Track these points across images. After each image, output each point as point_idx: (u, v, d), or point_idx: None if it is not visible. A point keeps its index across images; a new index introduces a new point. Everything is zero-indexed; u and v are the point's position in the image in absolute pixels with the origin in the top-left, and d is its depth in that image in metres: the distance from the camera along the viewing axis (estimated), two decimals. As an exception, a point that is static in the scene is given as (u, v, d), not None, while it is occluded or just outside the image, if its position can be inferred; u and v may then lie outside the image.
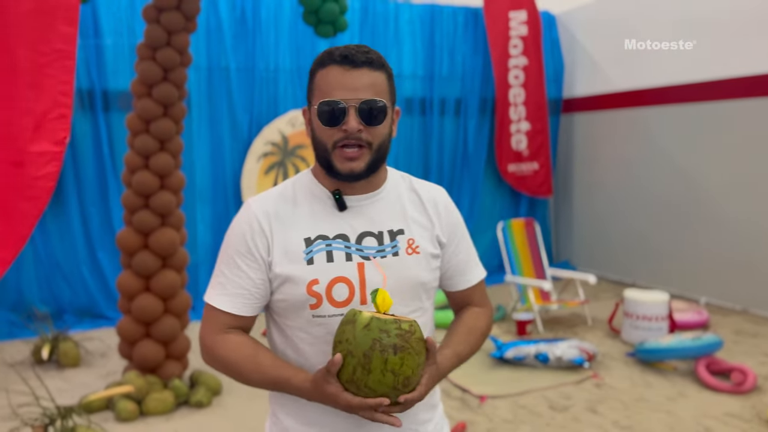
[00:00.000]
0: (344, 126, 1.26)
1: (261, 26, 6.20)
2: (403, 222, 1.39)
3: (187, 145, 5.88)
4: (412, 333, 1.18)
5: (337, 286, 1.31)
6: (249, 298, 1.34)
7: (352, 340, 1.17)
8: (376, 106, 1.27)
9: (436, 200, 1.45)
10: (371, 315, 1.19)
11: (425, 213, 1.42)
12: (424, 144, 7.21)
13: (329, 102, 1.26)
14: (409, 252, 1.36)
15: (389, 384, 1.16)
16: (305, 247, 1.32)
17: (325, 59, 1.30)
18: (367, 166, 1.30)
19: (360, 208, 1.37)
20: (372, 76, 1.28)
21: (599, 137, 7.31)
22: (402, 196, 1.42)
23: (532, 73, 7.34)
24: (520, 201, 7.70)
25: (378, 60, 1.30)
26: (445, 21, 7.09)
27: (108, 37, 5.68)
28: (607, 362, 4.50)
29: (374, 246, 1.34)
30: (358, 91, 1.26)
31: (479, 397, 3.90)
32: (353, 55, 1.27)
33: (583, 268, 7.46)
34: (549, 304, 5.43)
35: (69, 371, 4.41)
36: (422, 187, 1.46)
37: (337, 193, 1.35)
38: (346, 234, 1.34)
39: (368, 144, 1.29)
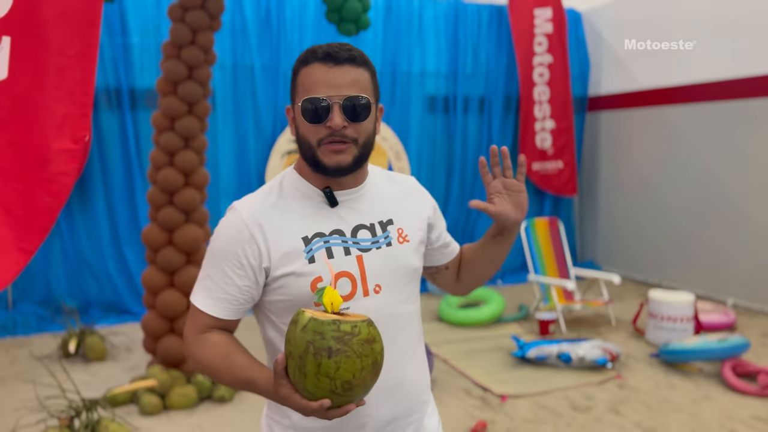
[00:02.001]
0: (329, 123, 1.26)
1: (285, 24, 6.23)
2: (391, 212, 1.42)
3: (211, 143, 5.93)
4: (354, 335, 1.11)
5: (341, 281, 1.32)
6: (234, 303, 1.34)
7: (292, 341, 1.12)
8: (360, 102, 1.27)
9: (413, 188, 1.51)
10: (310, 315, 1.13)
11: (408, 201, 1.47)
12: (448, 142, 7.19)
13: (313, 99, 1.26)
14: (401, 241, 1.40)
15: (325, 388, 1.10)
16: (304, 246, 1.31)
17: (308, 57, 1.30)
18: (354, 159, 1.31)
19: (349, 202, 1.38)
20: (355, 72, 1.28)
21: (625, 136, 7.22)
22: (385, 189, 1.46)
23: (557, 70, 7.27)
24: (544, 200, 7.63)
25: (361, 57, 1.31)
26: (470, 18, 7.06)
27: (135, 36, 5.76)
28: (630, 363, 4.44)
29: (369, 238, 1.37)
30: (341, 87, 1.26)
31: (500, 397, 3.88)
32: (336, 53, 1.27)
33: (608, 268, 7.38)
34: (572, 303, 5.38)
35: (95, 365, 4.48)
36: (398, 177, 1.53)
37: (327, 190, 1.35)
38: (341, 229, 1.35)
39: (353, 140, 1.29)
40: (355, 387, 1.13)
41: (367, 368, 1.13)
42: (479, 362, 4.49)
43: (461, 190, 7.25)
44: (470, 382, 4.15)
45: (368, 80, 1.31)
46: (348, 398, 1.13)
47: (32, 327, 5.30)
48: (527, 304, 5.86)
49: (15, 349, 4.85)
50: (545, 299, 5.53)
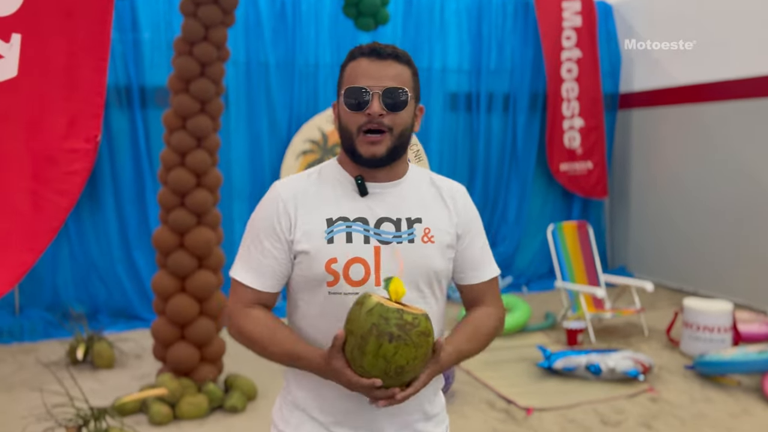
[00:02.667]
0: (368, 110, 1.40)
1: (301, 20, 6.27)
2: (422, 211, 1.51)
3: (224, 143, 5.99)
4: (415, 326, 1.26)
5: (354, 266, 1.44)
6: (272, 275, 1.48)
7: (355, 321, 1.28)
8: (399, 93, 1.41)
9: (455, 195, 1.58)
10: (378, 300, 1.28)
11: (444, 206, 1.55)
12: (470, 142, 7.18)
13: (355, 88, 1.41)
14: (425, 240, 1.48)
15: (381, 369, 1.26)
16: (326, 227, 1.45)
17: (355, 53, 1.45)
18: (388, 150, 1.43)
19: (381, 194, 1.50)
20: (397, 68, 1.44)
21: (658, 134, 7.16)
22: (422, 189, 1.55)
23: (587, 66, 7.24)
24: (572, 202, 7.60)
25: (405, 56, 1.46)
26: (494, 12, 7.05)
27: (145, 32, 5.84)
28: (664, 375, 4.41)
29: (392, 231, 1.47)
30: (382, 79, 1.41)
31: (525, 410, 3.87)
32: (381, 49, 1.43)
33: (640, 275, 7.32)
34: (602, 312, 5.35)
35: (103, 372, 4.54)
36: (442, 182, 1.60)
37: (359, 178, 1.48)
38: (365, 217, 1.47)
39: (389, 129, 1.42)
40: (407, 373, 1.28)
41: (419, 358, 1.28)
42: (503, 373, 4.48)
43: (484, 193, 7.24)
44: (494, 394, 4.14)
45: (409, 77, 1.46)
46: (396, 382, 1.29)
47: (39, 333, 5.38)
48: (554, 313, 5.84)
49: (22, 355, 4.94)
50: (573, 307, 5.50)
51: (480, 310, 1.60)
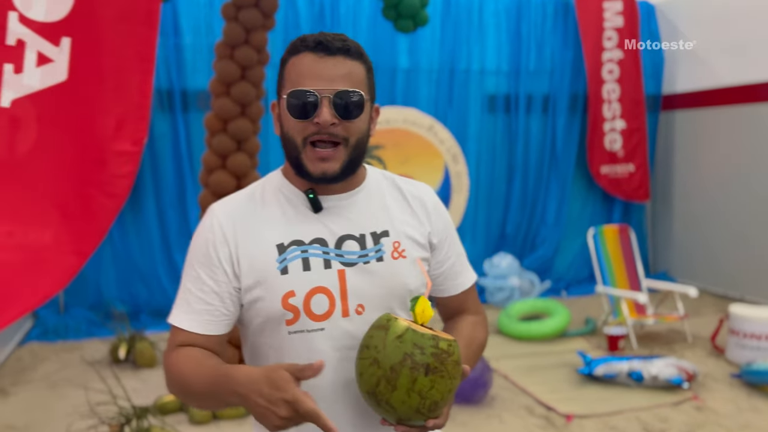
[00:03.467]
0: (316, 119, 1.18)
1: (340, 22, 6.31)
2: (388, 223, 1.31)
3: (264, 145, 6.03)
4: (450, 354, 1.10)
5: (316, 297, 1.23)
6: (214, 314, 1.25)
7: (381, 349, 1.09)
8: (352, 97, 1.20)
9: (423, 198, 1.37)
10: (407, 325, 1.10)
11: (412, 212, 1.35)
12: (509, 144, 7.13)
13: (300, 92, 1.19)
14: (395, 256, 1.29)
15: (413, 406, 1.08)
16: (278, 255, 1.24)
17: (298, 46, 1.23)
18: (342, 167, 1.22)
19: (338, 208, 1.29)
20: (348, 65, 1.21)
21: (703, 137, 7.02)
22: (384, 195, 1.34)
23: (628, 67, 7.14)
24: (613, 206, 7.49)
25: (356, 49, 1.24)
26: (533, 12, 7.00)
27: (187, 36, 5.94)
28: (709, 383, 4.31)
29: (356, 251, 1.26)
30: (332, 80, 1.19)
31: (565, 416, 3.83)
32: (328, 42, 1.20)
33: (684, 280, 7.18)
34: (644, 318, 5.26)
35: (144, 371, 4.63)
36: (408, 185, 1.39)
37: (310, 192, 1.26)
38: (323, 238, 1.26)
39: (344, 140, 1.21)
40: (440, 408, 1.11)
41: (453, 390, 1.12)
42: (542, 379, 4.44)
43: (523, 195, 7.19)
44: (533, 400, 4.10)
45: (363, 75, 1.24)
46: (425, 418, 1.11)
47: (83, 331, 5.51)
48: (595, 318, 5.76)
49: (66, 353, 5.05)
50: (614, 313, 5.42)
51: (466, 321, 1.43)
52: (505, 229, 7.18)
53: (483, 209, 7.04)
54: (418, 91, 6.68)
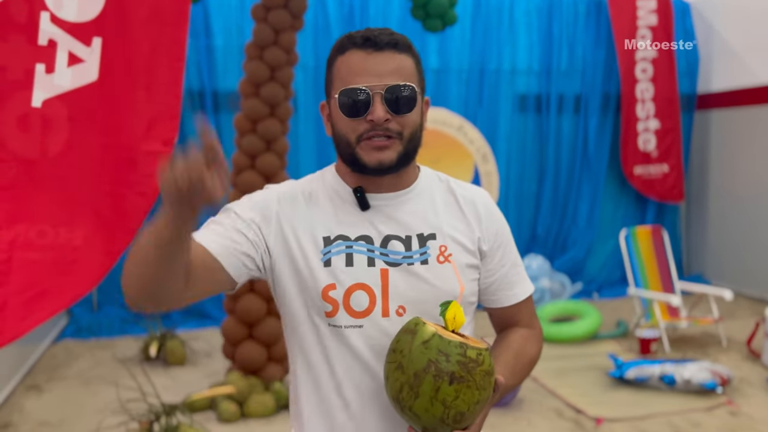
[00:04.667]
0: (369, 116, 1.17)
1: (369, 23, 6.31)
2: (436, 226, 1.28)
3: (293, 146, 6.07)
4: (479, 364, 1.06)
5: (356, 293, 1.22)
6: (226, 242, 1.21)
7: (406, 354, 1.06)
8: (404, 92, 1.19)
9: (475, 203, 1.33)
10: (435, 330, 1.07)
11: (463, 217, 1.31)
12: (540, 144, 7.07)
13: (351, 90, 1.18)
14: (441, 260, 1.26)
15: (437, 415, 1.04)
16: (323, 246, 1.24)
17: (345, 44, 1.22)
18: (398, 157, 1.21)
19: (386, 207, 1.27)
20: (398, 59, 1.20)
21: (739, 136, 6.88)
22: (436, 198, 1.32)
23: (662, 66, 7.03)
24: (646, 207, 7.38)
25: (404, 42, 1.22)
26: (565, 12, 6.93)
27: (218, 38, 6.00)
28: (744, 388, 4.22)
29: (401, 251, 1.24)
30: (383, 76, 1.18)
31: (595, 419, 3.78)
32: (376, 37, 1.19)
33: (718, 283, 7.03)
34: (677, 321, 5.17)
35: (175, 369, 4.68)
36: (461, 189, 1.35)
37: (358, 191, 1.25)
38: (369, 236, 1.25)
39: (398, 134, 1.20)
40: (466, 420, 1.07)
41: (482, 402, 1.08)
42: (572, 381, 4.39)
43: (554, 196, 7.11)
44: (562, 403, 4.06)
45: (413, 68, 1.23)
46: (451, 429, 1.08)
47: (116, 329, 5.60)
48: (626, 321, 5.68)
49: (99, 350, 5.14)
50: (647, 315, 5.33)
51: (517, 333, 1.38)
52: (535, 230, 7.12)
53: (513, 210, 6.98)
54: (448, 91, 6.65)
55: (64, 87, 1.70)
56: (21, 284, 1.67)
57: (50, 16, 1.66)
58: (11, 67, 1.65)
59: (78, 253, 1.77)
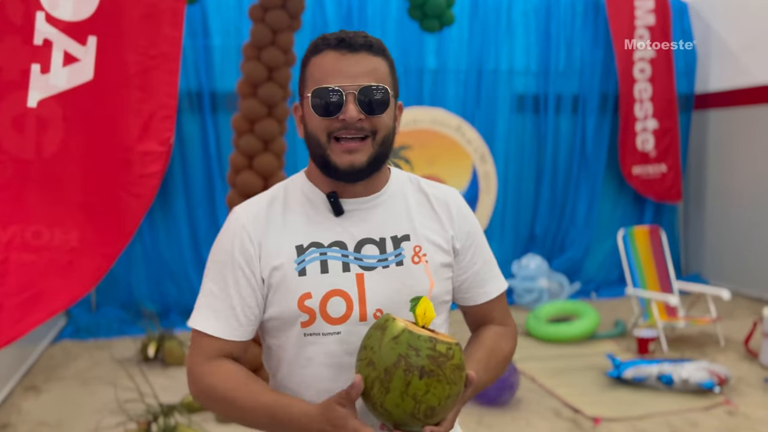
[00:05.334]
0: (342, 115, 1.18)
1: (367, 23, 6.31)
2: (409, 227, 1.29)
3: (290, 146, 6.05)
4: (449, 358, 1.06)
5: (333, 300, 1.21)
6: (239, 319, 1.24)
7: (377, 350, 1.06)
8: (378, 93, 1.19)
9: (448, 202, 1.35)
10: (404, 326, 1.07)
11: (436, 217, 1.32)
12: (538, 144, 7.07)
13: (324, 90, 1.18)
14: (416, 261, 1.26)
15: (407, 410, 1.04)
16: (296, 256, 1.23)
17: (319, 45, 1.23)
18: (369, 159, 1.21)
19: (359, 212, 1.27)
20: (372, 61, 1.21)
21: (737, 136, 6.88)
22: (408, 199, 1.33)
23: (660, 66, 7.03)
24: (644, 207, 7.38)
25: (378, 45, 1.23)
26: (563, 12, 6.92)
27: (216, 38, 5.99)
28: (741, 388, 4.22)
29: (375, 255, 1.25)
30: (356, 77, 1.19)
31: (593, 419, 3.77)
32: (350, 39, 1.20)
33: (716, 282, 7.03)
34: (675, 320, 5.17)
35: (173, 369, 4.67)
36: (433, 189, 1.36)
37: (332, 196, 1.25)
38: (343, 241, 1.25)
39: (371, 133, 1.21)
40: (437, 415, 1.08)
41: (453, 397, 1.08)
42: (570, 381, 4.38)
43: (552, 196, 7.11)
44: (560, 403, 4.05)
45: (387, 71, 1.23)
46: (422, 424, 1.08)
47: (114, 330, 5.59)
48: (624, 320, 5.67)
49: (98, 351, 5.13)
50: (645, 315, 5.33)
51: (491, 330, 1.38)
52: (533, 230, 7.12)
53: (511, 210, 6.98)
54: (446, 92, 6.65)
55: (59, 87, 1.69)
56: (17, 286, 1.66)
57: (45, 16, 1.66)
58: (7, 67, 1.64)
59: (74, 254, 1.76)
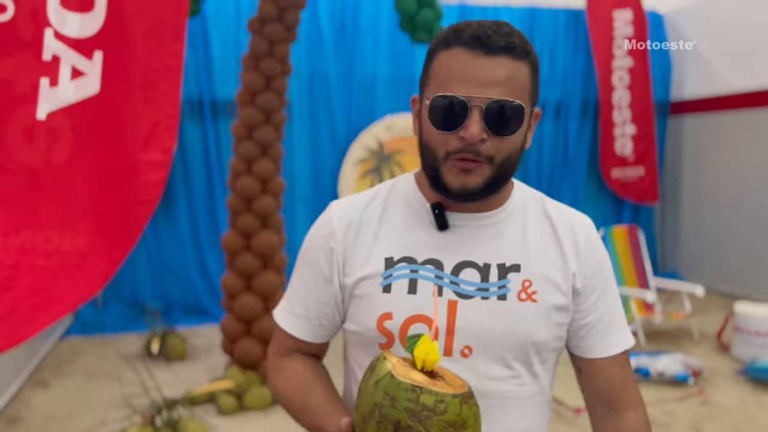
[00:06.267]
0: (462, 132, 0.95)
1: (359, 34, 6.33)
2: (522, 256, 1.04)
3: (287, 151, 6.09)
4: (436, 413, 0.81)
5: (416, 326, 1.00)
6: (313, 321, 1.11)
7: (362, 393, 0.88)
8: (510, 109, 0.94)
9: (575, 231, 1.08)
10: (390, 368, 0.85)
11: (558, 247, 1.06)
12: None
13: (446, 98, 0.95)
14: (523, 297, 1.01)
15: None
16: (384, 270, 1.03)
17: (451, 38, 0.97)
18: (485, 182, 0.98)
19: (467, 230, 1.05)
20: (511, 67, 0.95)
21: (710, 141, 6.93)
22: (528, 221, 1.07)
23: (638, 74, 7.07)
24: (623, 208, 7.42)
25: (522, 46, 0.96)
26: (546, 23, 6.96)
27: (216, 48, 5.99)
28: (714, 379, 4.26)
29: (475, 282, 1.02)
30: (488, 86, 0.94)
31: (574, 410, 3.80)
32: (489, 37, 0.94)
33: (691, 279, 7.09)
34: (652, 316, 5.20)
35: (176, 364, 4.67)
36: (558, 213, 1.10)
37: (437, 207, 1.04)
38: (440, 260, 1.03)
39: (488, 159, 0.97)
40: None
41: None
42: (553, 373, 4.40)
43: (536, 198, 7.14)
44: (544, 394, 4.07)
45: (527, 78, 0.98)
46: None
47: (120, 326, 5.59)
48: (604, 315, 5.70)
49: (104, 347, 5.12)
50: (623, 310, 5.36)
51: (627, 421, 1.11)
52: (518, 230, 7.14)
53: (497, 211, 7.00)
54: (435, 99, 6.66)
55: (67, 100, 1.70)
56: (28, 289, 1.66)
57: (54, 33, 1.66)
58: (18, 81, 1.65)
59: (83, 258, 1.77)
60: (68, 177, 1.73)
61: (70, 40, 1.69)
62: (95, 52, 1.76)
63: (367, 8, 6.33)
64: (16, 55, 1.64)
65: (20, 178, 1.68)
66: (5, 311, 1.61)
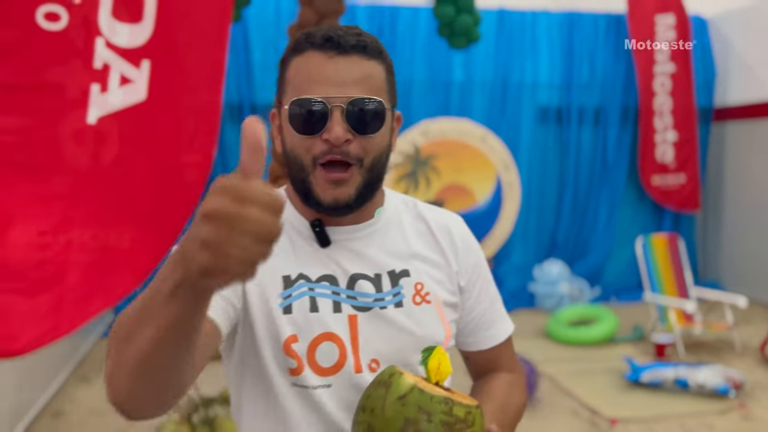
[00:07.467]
0: (325, 134, 0.92)
1: (397, 39, 6.38)
2: (408, 261, 1.04)
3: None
4: (468, 425, 0.82)
5: (323, 345, 0.97)
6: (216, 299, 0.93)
7: (379, 412, 0.82)
8: (371, 106, 0.93)
9: (450, 230, 1.10)
10: (413, 383, 0.83)
11: (437, 247, 1.08)
12: (560, 155, 7.05)
13: (304, 101, 0.93)
14: (417, 300, 1.02)
15: None
16: (283, 289, 0.98)
17: (302, 43, 0.96)
18: (357, 192, 0.96)
19: (348, 242, 1.03)
20: (366, 66, 0.95)
21: (755, 148, 6.78)
22: (405, 226, 1.08)
23: (680, 80, 6.96)
24: (663, 216, 7.30)
25: (374, 45, 0.97)
26: (585, 28, 6.91)
27: (256, 54, 6.12)
28: (757, 393, 4.17)
29: (371, 293, 1.00)
30: (345, 86, 0.93)
31: (610, 420, 3.77)
32: (341, 37, 0.94)
33: (733, 289, 6.92)
34: (692, 326, 5.11)
35: (211, 364, 4.73)
36: (432, 215, 1.11)
37: (316, 225, 1.00)
38: (333, 275, 1.00)
39: (358, 161, 0.95)
40: None
41: None
42: (589, 383, 4.37)
43: (573, 205, 7.09)
44: (578, 403, 4.05)
45: (383, 77, 0.98)
46: None
47: (158, 326, 5.71)
48: (642, 325, 5.63)
49: (143, 345, 5.25)
50: (662, 320, 5.29)
51: (501, 380, 1.13)
52: (555, 237, 7.10)
53: (534, 217, 6.97)
54: (472, 103, 6.68)
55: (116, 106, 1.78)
56: (77, 283, 1.75)
57: (105, 42, 1.75)
58: (70, 87, 1.73)
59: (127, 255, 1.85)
60: (114, 178, 1.82)
61: (119, 49, 1.77)
62: (143, 61, 1.85)
63: (405, 14, 6.39)
64: (69, 63, 1.73)
65: (70, 180, 1.77)
66: (54, 304, 1.69)
